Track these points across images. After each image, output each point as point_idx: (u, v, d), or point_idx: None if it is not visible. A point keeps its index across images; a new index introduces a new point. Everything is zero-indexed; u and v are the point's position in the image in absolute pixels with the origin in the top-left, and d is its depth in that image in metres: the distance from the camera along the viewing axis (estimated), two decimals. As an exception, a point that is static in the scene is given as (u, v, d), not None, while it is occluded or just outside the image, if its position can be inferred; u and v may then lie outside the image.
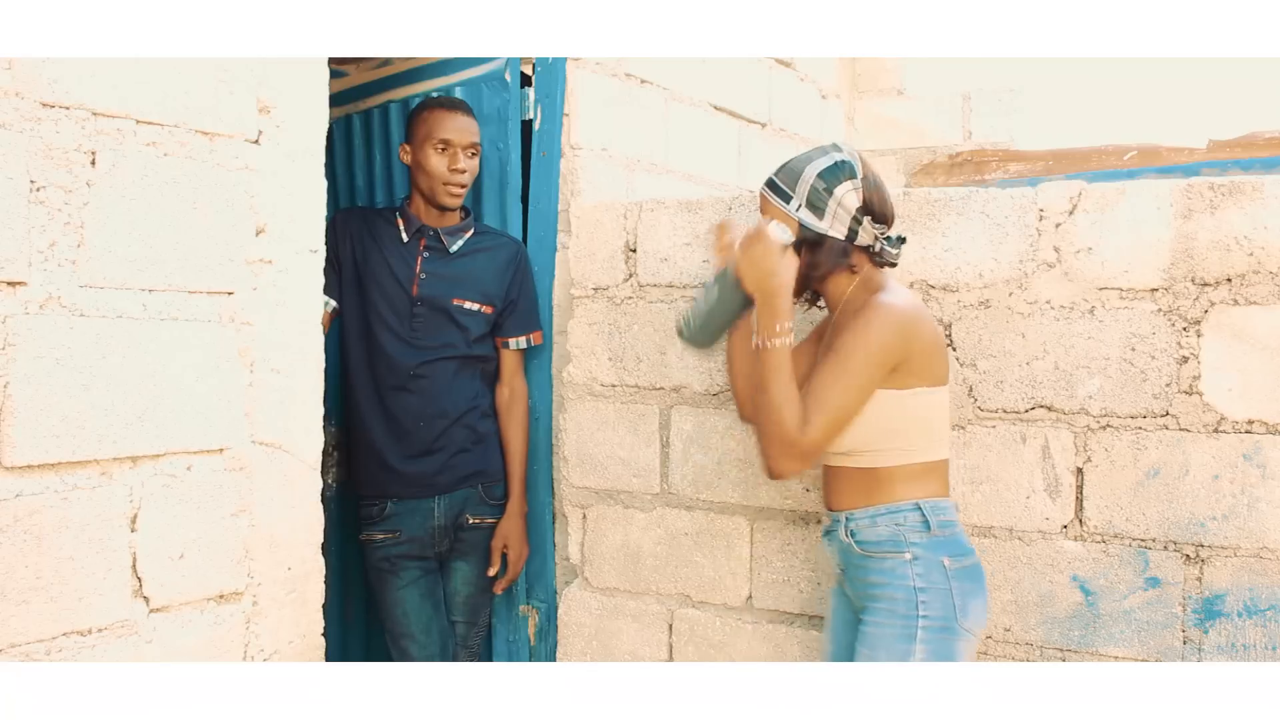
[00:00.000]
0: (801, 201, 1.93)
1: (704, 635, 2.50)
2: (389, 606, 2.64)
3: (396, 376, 2.60)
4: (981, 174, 4.13)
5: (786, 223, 1.94)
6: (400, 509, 2.62)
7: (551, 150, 2.79)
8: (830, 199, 1.92)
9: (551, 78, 2.78)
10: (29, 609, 1.64)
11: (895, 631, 1.84)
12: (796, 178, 1.94)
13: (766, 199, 1.99)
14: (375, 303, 2.61)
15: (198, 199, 1.86)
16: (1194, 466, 2.00)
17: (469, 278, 2.63)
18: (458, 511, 2.64)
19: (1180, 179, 2.06)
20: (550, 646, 2.74)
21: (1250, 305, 1.96)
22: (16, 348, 1.62)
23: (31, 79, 1.63)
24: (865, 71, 4.47)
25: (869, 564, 1.90)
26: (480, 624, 2.73)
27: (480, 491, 2.67)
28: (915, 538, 1.87)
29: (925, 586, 1.84)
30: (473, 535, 2.67)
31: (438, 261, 2.63)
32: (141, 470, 1.78)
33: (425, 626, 2.61)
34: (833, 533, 1.99)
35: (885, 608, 1.86)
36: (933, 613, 1.83)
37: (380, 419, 2.62)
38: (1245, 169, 3.38)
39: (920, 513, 1.88)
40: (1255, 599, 1.95)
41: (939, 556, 1.87)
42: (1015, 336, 2.14)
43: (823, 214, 1.92)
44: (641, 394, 2.57)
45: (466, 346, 2.63)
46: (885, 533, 1.89)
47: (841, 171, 1.92)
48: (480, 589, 2.70)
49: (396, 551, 2.62)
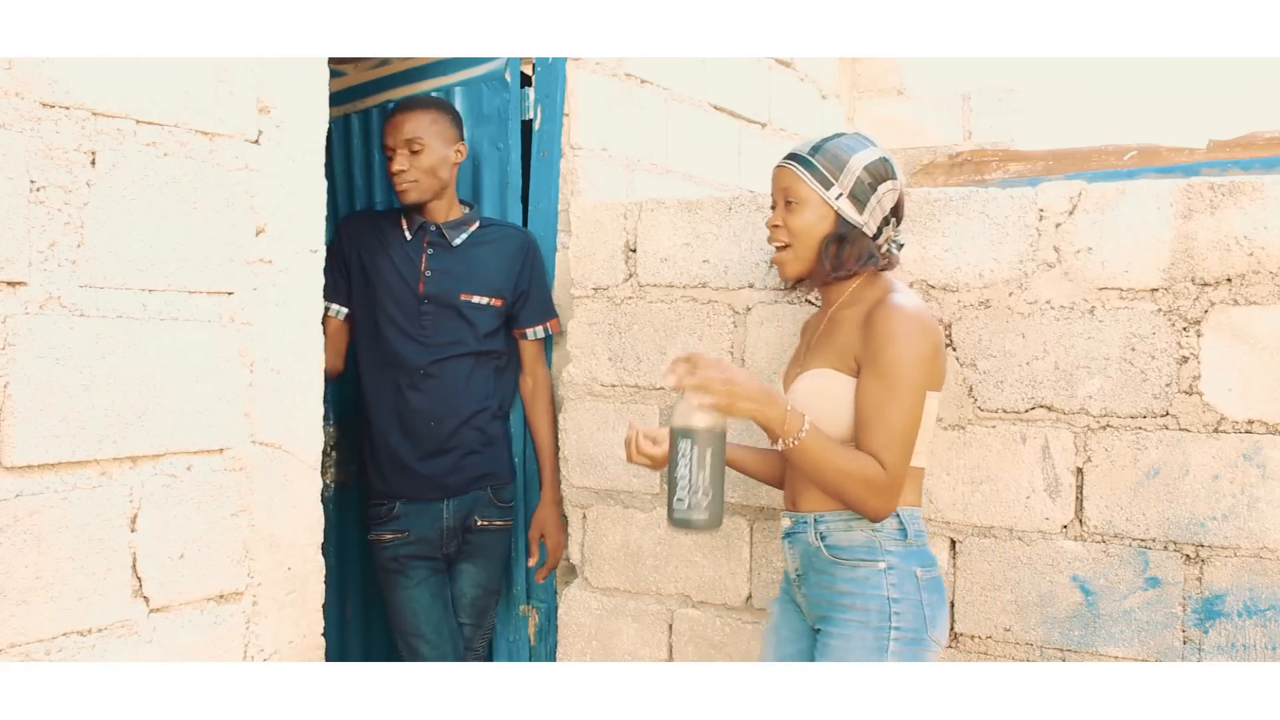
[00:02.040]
0: (844, 191, 1.86)
1: (704, 635, 2.50)
2: (399, 607, 2.62)
3: (408, 376, 2.59)
4: (981, 174, 4.13)
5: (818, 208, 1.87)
6: (409, 509, 2.61)
7: (551, 150, 2.79)
8: (873, 195, 1.86)
9: (551, 78, 2.78)
10: (29, 609, 1.64)
11: (866, 644, 1.77)
12: (841, 165, 1.86)
13: (797, 177, 1.88)
14: (383, 303, 2.61)
15: (198, 199, 1.86)
16: (1194, 466, 2.00)
17: (475, 271, 2.62)
18: (466, 513, 2.64)
19: (1180, 179, 2.06)
20: (550, 646, 2.74)
21: (1250, 305, 1.96)
22: (16, 348, 1.62)
23: (31, 79, 1.63)
24: (865, 71, 4.47)
25: (837, 571, 1.83)
26: (485, 626, 2.72)
27: (489, 494, 2.66)
28: (891, 546, 1.81)
29: (899, 597, 1.78)
30: (481, 538, 2.66)
31: (442, 257, 2.62)
32: (141, 470, 1.78)
33: (436, 626, 2.59)
34: (796, 534, 1.90)
35: (856, 619, 1.79)
36: (905, 624, 1.77)
37: (393, 419, 2.61)
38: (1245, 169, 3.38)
39: (898, 520, 1.82)
40: (1255, 599, 1.95)
41: (912, 567, 1.81)
42: (1015, 336, 2.14)
43: (863, 208, 1.87)
44: (641, 394, 2.57)
45: (477, 342, 2.62)
46: (860, 539, 1.82)
47: (886, 169, 1.88)
48: (487, 591, 2.70)
49: (405, 551, 2.61)
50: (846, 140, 1.90)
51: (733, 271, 2.45)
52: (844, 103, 4.32)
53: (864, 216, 1.87)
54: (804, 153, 1.90)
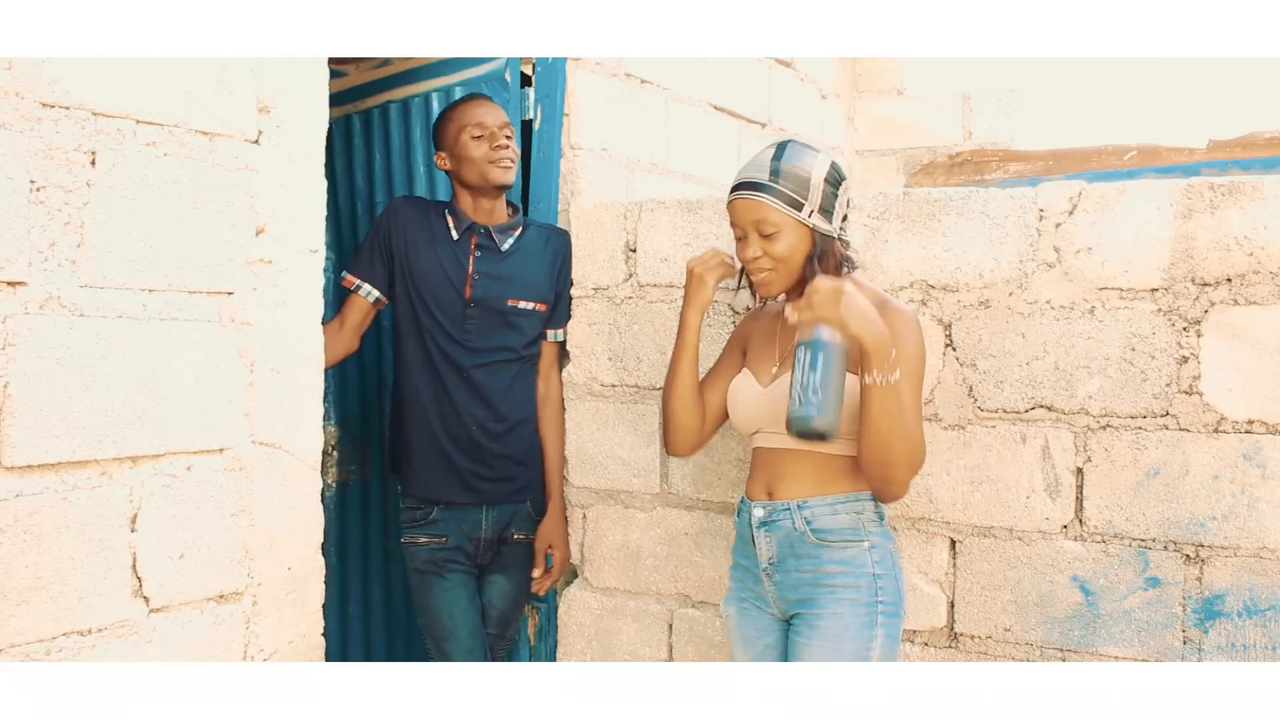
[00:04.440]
0: (815, 207, 1.90)
1: (704, 635, 2.50)
2: (434, 610, 2.55)
3: (454, 375, 2.53)
4: (981, 174, 4.14)
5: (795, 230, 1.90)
6: (447, 515, 2.56)
7: (551, 150, 2.79)
8: (836, 201, 1.92)
9: (551, 78, 2.78)
10: (29, 609, 1.64)
11: (859, 619, 1.87)
12: (805, 183, 1.89)
13: (767, 207, 1.90)
14: (427, 302, 2.53)
15: (198, 199, 1.86)
16: (1194, 466, 2.00)
17: (522, 276, 2.57)
18: (504, 525, 2.59)
19: (1180, 179, 2.06)
20: (550, 646, 2.74)
21: (1250, 305, 1.96)
22: (16, 348, 1.62)
23: (31, 79, 1.63)
24: (865, 71, 4.47)
25: (823, 553, 1.90)
26: (507, 637, 2.68)
27: (529, 507, 2.62)
28: (872, 526, 1.92)
29: (883, 573, 1.90)
30: (514, 550, 2.62)
31: (490, 261, 2.56)
32: (141, 470, 1.78)
33: (470, 631, 2.54)
34: (775, 522, 1.94)
35: (847, 596, 1.88)
36: (888, 598, 1.90)
37: (437, 418, 2.54)
38: (1245, 169, 3.39)
39: (874, 503, 1.93)
40: (1255, 599, 1.95)
41: (888, 545, 1.94)
42: (1015, 336, 2.14)
43: (831, 216, 1.93)
44: (641, 394, 2.57)
45: (524, 349, 2.58)
46: (846, 521, 1.91)
47: (838, 171, 1.95)
48: (514, 603, 2.66)
49: (442, 555, 2.56)
50: (794, 155, 1.92)
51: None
52: (844, 103, 4.32)
53: (834, 224, 1.94)
54: (763, 180, 1.91)
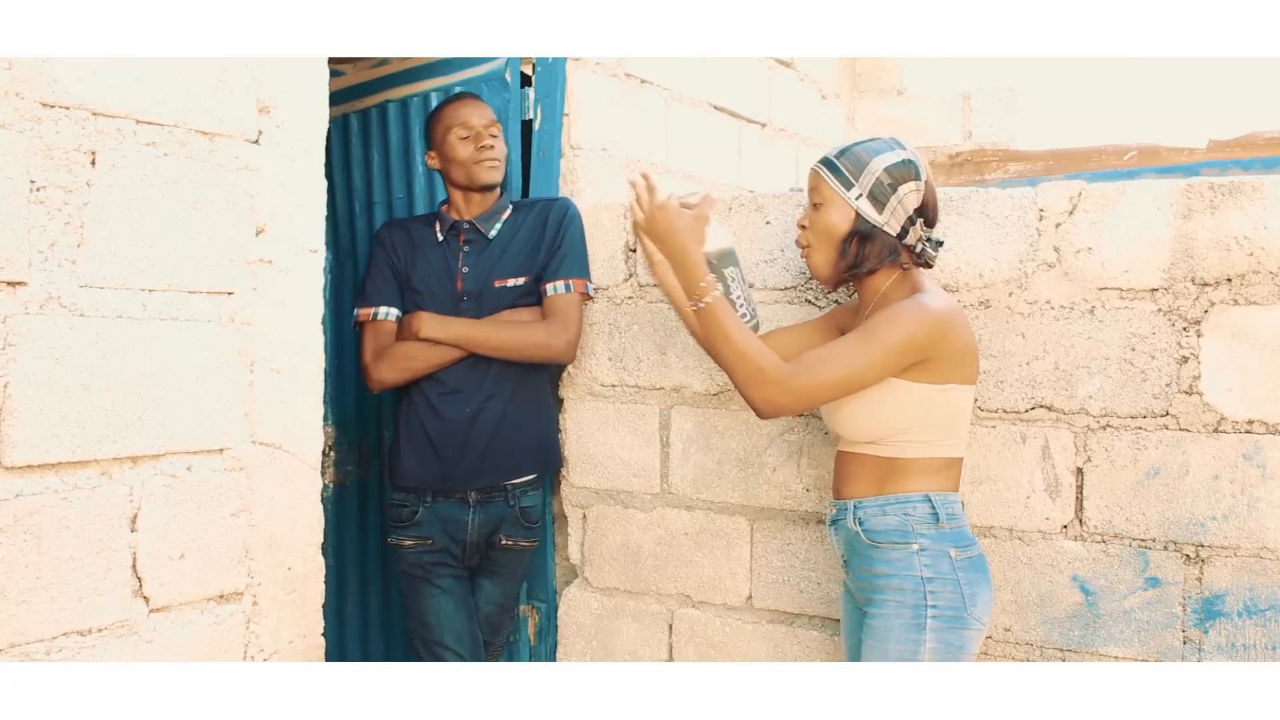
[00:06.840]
0: (864, 191, 1.92)
1: (704, 635, 2.50)
2: (423, 613, 2.55)
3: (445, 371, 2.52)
4: (981, 174, 4.14)
5: (838, 208, 1.94)
6: (431, 515, 2.55)
7: (551, 150, 2.79)
8: (893, 195, 1.92)
9: (551, 78, 2.78)
10: (29, 609, 1.64)
11: (905, 622, 1.84)
12: (862, 167, 1.92)
13: (822, 179, 1.96)
14: (424, 305, 2.55)
15: (198, 199, 1.86)
16: (1194, 466, 2.00)
17: (506, 256, 2.57)
18: (492, 529, 2.58)
19: (1180, 179, 2.06)
20: (550, 646, 2.74)
21: (1250, 305, 1.96)
22: (16, 348, 1.62)
23: (31, 79, 1.63)
24: (865, 71, 4.48)
25: (874, 554, 1.90)
26: (498, 643, 2.68)
27: (516, 512, 2.60)
28: (923, 529, 1.88)
29: (933, 576, 1.85)
30: (503, 556, 2.61)
31: (478, 251, 2.57)
32: (141, 470, 1.78)
33: (459, 635, 2.54)
34: (840, 521, 1.99)
35: (893, 599, 1.86)
36: (941, 602, 1.84)
37: (430, 411, 2.53)
38: (1245, 169, 3.39)
39: (930, 504, 1.88)
40: (1255, 599, 1.95)
41: (945, 548, 1.87)
42: (1015, 336, 2.14)
43: (883, 208, 1.92)
44: (641, 394, 2.57)
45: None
46: (894, 522, 1.89)
47: (908, 170, 1.92)
48: (502, 609, 2.65)
49: (430, 559, 2.56)
50: (873, 143, 1.96)
51: (733, 271, 2.45)
52: (844, 103, 4.32)
53: (884, 216, 1.93)
54: (831, 155, 1.98)
